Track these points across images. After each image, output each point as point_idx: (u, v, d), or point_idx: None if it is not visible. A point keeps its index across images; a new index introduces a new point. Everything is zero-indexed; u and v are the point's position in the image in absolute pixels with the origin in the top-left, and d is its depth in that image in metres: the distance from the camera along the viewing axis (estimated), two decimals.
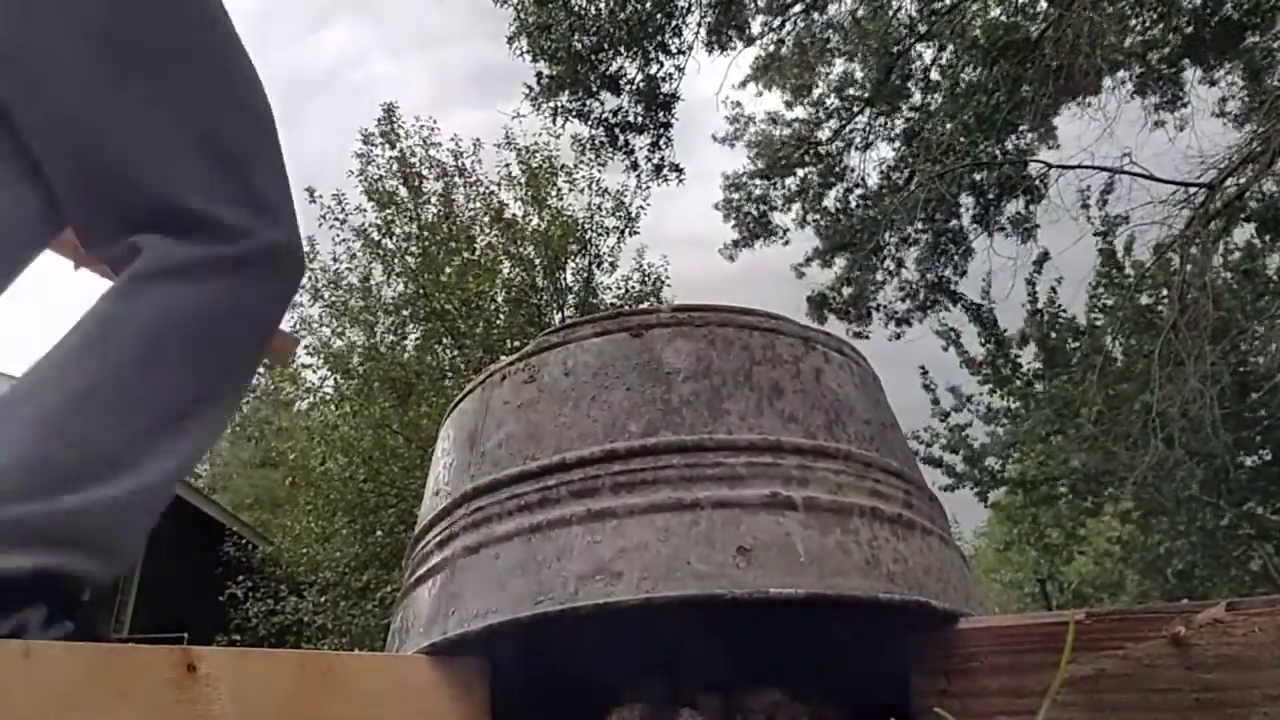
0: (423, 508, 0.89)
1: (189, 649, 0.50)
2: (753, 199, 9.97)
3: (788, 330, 0.81)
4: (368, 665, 0.67)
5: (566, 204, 11.13)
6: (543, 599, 0.66)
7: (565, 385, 0.77)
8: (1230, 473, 7.31)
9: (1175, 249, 6.25)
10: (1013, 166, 8.37)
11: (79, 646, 0.49)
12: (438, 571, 0.75)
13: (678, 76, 8.55)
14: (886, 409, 0.86)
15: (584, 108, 8.67)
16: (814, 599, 0.63)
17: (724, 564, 0.64)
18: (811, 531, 0.66)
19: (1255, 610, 0.57)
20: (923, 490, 0.80)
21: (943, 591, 0.70)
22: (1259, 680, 0.55)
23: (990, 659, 0.67)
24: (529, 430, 0.75)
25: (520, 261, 10.89)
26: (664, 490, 0.68)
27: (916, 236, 9.23)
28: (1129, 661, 0.59)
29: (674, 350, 0.77)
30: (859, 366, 0.85)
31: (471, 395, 0.88)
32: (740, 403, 0.73)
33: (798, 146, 9.46)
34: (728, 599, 0.63)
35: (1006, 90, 7.52)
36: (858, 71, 9.48)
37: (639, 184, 9.84)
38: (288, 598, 9.44)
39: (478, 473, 0.77)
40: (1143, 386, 6.68)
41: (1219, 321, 6.21)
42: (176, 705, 0.48)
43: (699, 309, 0.80)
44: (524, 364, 0.82)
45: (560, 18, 7.88)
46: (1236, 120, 7.70)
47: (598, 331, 0.80)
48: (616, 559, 0.65)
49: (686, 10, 8.33)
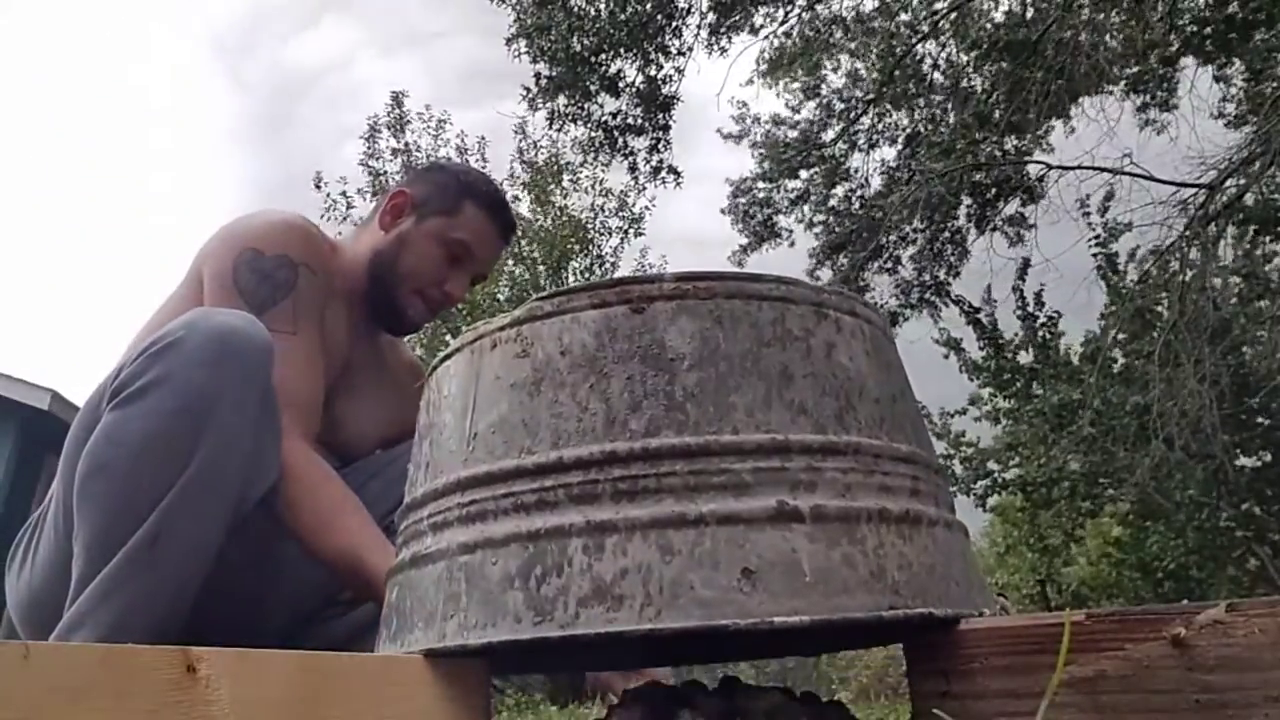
0: (412, 472, 0.86)
1: (189, 649, 0.50)
2: (758, 202, 9.98)
3: (798, 298, 0.77)
4: (368, 665, 0.67)
5: (571, 203, 11.14)
6: (541, 620, 0.65)
7: (561, 366, 0.74)
8: (1229, 474, 7.31)
9: (1175, 250, 6.25)
10: (1012, 167, 8.38)
11: (79, 647, 0.48)
12: (435, 560, 0.74)
13: (677, 78, 8.56)
14: (898, 372, 0.84)
15: (581, 111, 8.67)
16: (818, 625, 0.63)
17: (728, 588, 0.63)
18: (818, 546, 0.66)
19: (1256, 611, 0.57)
20: (929, 467, 0.79)
21: (945, 593, 0.70)
22: (1260, 681, 0.55)
23: (990, 660, 0.67)
24: (524, 418, 0.73)
25: (524, 260, 10.89)
26: (667, 502, 0.67)
27: (914, 235, 9.25)
28: (1129, 663, 0.59)
29: (678, 331, 0.73)
30: (870, 326, 0.82)
31: (459, 357, 0.83)
32: (748, 394, 0.71)
33: (802, 148, 9.46)
34: (731, 630, 0.62)
35: (1007, 90, 7.52)
36: (861, 70, 9.49)
37: (637, 185, 9.85)
38: None
39: (470, 458, 0.75)
40: (1142, 387, 6.68)
41: (1218, 322, 6.21)
42: (176, 706, 0.48)
43: (704, 277, 0.76)
44: (516, 332, 0.77)
45: (559, 19, 7.88)
46: (1236, 120, 7.70)
47: (595, 302, 0.75)
48: (618, 581, 0.64)
49: (686, 11, 8.32)
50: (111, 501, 1.01)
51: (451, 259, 1.50)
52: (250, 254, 1.29)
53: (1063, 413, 8.18)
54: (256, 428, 1.09)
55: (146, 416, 1.01)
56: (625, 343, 0.73)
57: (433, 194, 1.52)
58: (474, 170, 1.70)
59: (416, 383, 1.58)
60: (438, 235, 1.49)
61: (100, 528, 1.01)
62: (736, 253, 10.23)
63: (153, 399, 1.02)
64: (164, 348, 1.03)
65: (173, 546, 1.01)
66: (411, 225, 1.50)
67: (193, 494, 1.01)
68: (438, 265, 1.49)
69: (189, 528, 1.02)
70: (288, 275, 1.30)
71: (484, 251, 1.54)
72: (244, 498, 1.10)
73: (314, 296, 1.34)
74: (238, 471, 1.07)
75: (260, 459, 1.11)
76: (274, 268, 1.29)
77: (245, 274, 1.28)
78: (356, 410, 1.47)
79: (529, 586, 0.66)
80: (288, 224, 1.37)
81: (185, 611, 1.04)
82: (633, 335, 0.73)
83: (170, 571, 1.01)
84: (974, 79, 8.43)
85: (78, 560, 1.02)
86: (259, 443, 1.10)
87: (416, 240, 1.48)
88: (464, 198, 1.51)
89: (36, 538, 1.20)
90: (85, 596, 0.98)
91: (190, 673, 0.49)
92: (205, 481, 1.02)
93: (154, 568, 0.99)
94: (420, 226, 1.49)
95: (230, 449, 1.05)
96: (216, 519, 1.05)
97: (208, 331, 1.04)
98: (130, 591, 0.98)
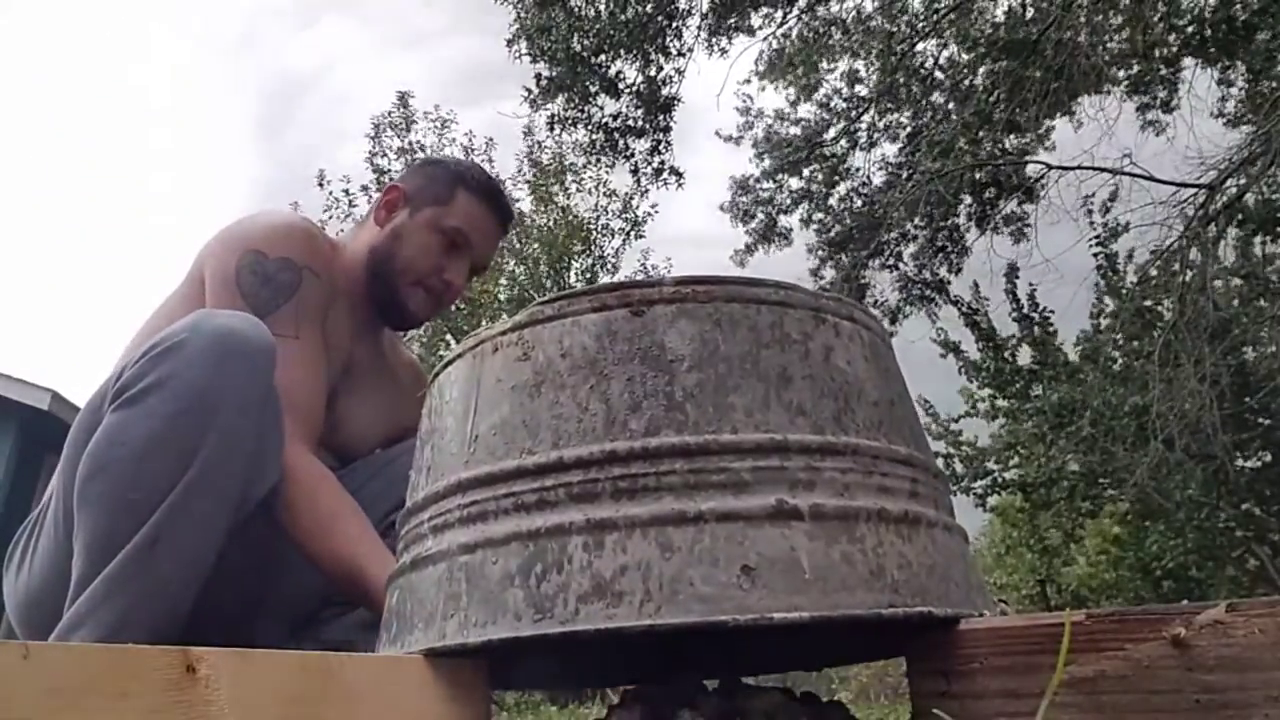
0: (413, 476, 0.87)
1: (189, 649, 0.50)
2: (760, 202, 9.97)
3: (797, 303, 0.78)
4: (368, 665, 0.67)
5: (573, 204, 11.15)
6: (541, 618, 0.65)
7: (561, 368, 0.74)
8: (1229, 474, 7.32)
9: (1175, 250, 6.26)
10: (1012, 166, 8.38)
11: (79, 647, 0.48)
12: (436, 562, 0.74)
13: (677, 79, 8.56)
14: (896, 377, 0.85)
15: (582, 113, 8.66)
16: (817, 621, 0.63)
17: (727, 584, 0.63)
18: (817, 544, 0.66)
19: (1256, 611, 0.57)
20: (928, 470, 0.80)
21: (945, 594, 0.70)
22: (1260, 682, 0.55)
23: (990, 660, 0.67)
24: (524, 419, 0.74)
25: (525, 260, 10.90)
26: (666, 499, 0.67)
27: (915, 233, 9.25)
28: (1129, 663, 0.59)
29: (677, 333, 0.74)
30: (869, 332, 0.83)
31: (460, 362, 0.84)
32: (746, 395, 0.71)
33: (803, 147, 9.45)
34: (730, 626, 0.62)
35: (1007, 90, 7.52)
36: (862, 70, 9.48)
37: (639, 187, 9.85)
38: None
39: (471, 460, 0.76)
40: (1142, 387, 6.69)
41: (1218, 322, 6.22)
42: (176, 706, 0.48)
43: (703, 281, 0.76)
44: (517, 335, 0.78)
45: (560, 19, 7.88)
46: (1236, 121, 7.70)
47: (596, 306, 0.76)
48: (618, 578, 0.65)
49: (687, 12, 8.32)
50: (113, 502, 1.01)
51: (448, 247, 1.49)
52: (253, 256, 1.29)
53: (1062, 413, 8.18)
54: (259, 429, 1.09)
55: (149, 418, 1.02)
56: (625, 345, 0.74)
57: (425, 185, 1.52)
58: (467, 160, 1.69)
59: (416, 381, 1.59)
60: (433, 224, 1.48)
61: (101, 528, 1.01)
62: (740, 252, 10.21)
63: (155, 400, 1.02)
64: (166, 349, 1.03)
65: (174, 547, 1.01)
66: (406, 217, 1.49)
67: (194, 495, 1.01)
68: (435, 255, 1.48)
69: (190, 529, 1.02)
70: (290, 278, 1.30)
71: (480, 238, 1.53)
72: (245, 499, 1.10)
73: (317, 300, 1.34)
74: (240, 473, 1.07)
75: (262, 461, 1.11)
76: (276, 270, 1.29)
77: (248, 276, 1.27)
78: (357, 410, 1.47)
79: (529, 584, 0.67)
80: (290, 226, 1.36)
81: (186, 612, 1.04)
82: (633, 337, 0.74)
83: (171, 572, 1.01)
84: (975, 78, 8.43)
85: (78, 560, 1.02)
86: (261, 444, 1.10)
87: (412, 232, 1.48)
88: (457, 186, 1.51)
89: (35, 538, 1.20)
90: (85, 597, 0.98)
91: (190, 673, 0.49)
92: (207, 483, 1.02)
93: (155, 568, 1.00)
94: (415, 218, 1.49)
95: (232, 451, 1.05)
96: (218, 520, 1.05)
97: (210, 333, 1.04)
98: (131, 592, 0.99)
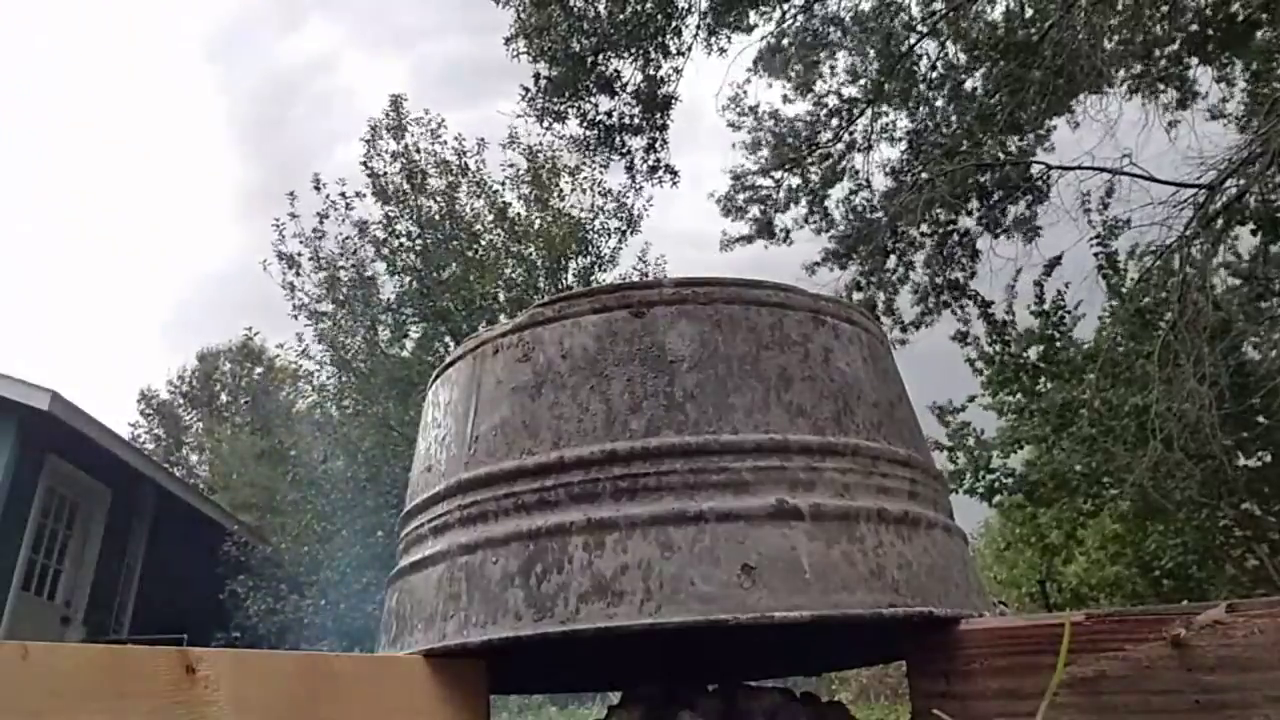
0: (413, 478, 0.87)
1: (188, 650, 0.50)
2: (756, 199, 9.93)
3: (797, 304, 0.78)
4: (367, 665, 0.67)
5: (569, 204, 11.14)
6: (542, 617, 0.65)
7: (562, 369, 0.74)
8: (1229, 474, 7.31)
9: (1175, 250, 6.25)
10: (1015, 167, 8.37)
11: (79, 647, 0.48)
12: (436, 563, 0.74)
13: (675, 78, 8.55)
14: (895, 379, 0.85)
15: (578, 110, 8.65)
16: (818, 620, 0.63)
17: (728, 584, 0.63)
18: (817, 544, 0.66)
19: (1256, 612, 0.57)
20: (927, 473, 0.80)
21: (945, 594, 0.70)
22: (1259, 682, 0.55)
23: (990, 660, 0.67)
24: (524, 419, 0.73)
25: (522, 261, 10.89)
26: (667, 499, 0.67)
27: (922, 240, 9.22)
28: (1129, 663, 0.59)
29: (677, 334, 0.74)
30: (868, 334, 0.83)
31: (461, 364, 0.84)
32: (747, 395, 0.71)
33: (799, 145, 9.43)
34: (730, 624, 0.62)
35: (1008, 90, 7.51)
36: (859, 69, 9.46)
37: (634, 185, 9.82)
38: (288, 596, 9.43)
39: (471, 460, 0.76)
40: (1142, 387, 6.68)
41: (1218, 322, 6.21)
42: (176, 706, 0.48)
43: (704, 283, 0.76)
44: (518, 337, 0.78)
45: (559, 18, 7.87)
46: (1236, 121, 7.69)
47: (596, 307, 0.76)
48: (618, 577, 0.64)
49: (686, 11, 8.32)
50: None
51: None
52: None
53: (1064, 412, 8.17)
54: None
55: None
56: (625, 346, 0.74)
57: None
58: None
59: None
60: None
61: None
62: (729, 240, 10.04)
63: None
64: None
65: None
66: None
67: None
68: None
69: None
70: None
71: None
72: None
73: None
74: None
75: None
76: None
77: None
78: None
79: (529, 584, 0.67)
80: None
81: None
82: (633, 338, 0.74)
83: None
84: (974, 79, 8.42)
85: None
86: None
87: None
88: None
89: None
90: None
91: (190, 673, 0.49)
92: None
93: None
94: None
95: None
96: None
97: None
98: None
